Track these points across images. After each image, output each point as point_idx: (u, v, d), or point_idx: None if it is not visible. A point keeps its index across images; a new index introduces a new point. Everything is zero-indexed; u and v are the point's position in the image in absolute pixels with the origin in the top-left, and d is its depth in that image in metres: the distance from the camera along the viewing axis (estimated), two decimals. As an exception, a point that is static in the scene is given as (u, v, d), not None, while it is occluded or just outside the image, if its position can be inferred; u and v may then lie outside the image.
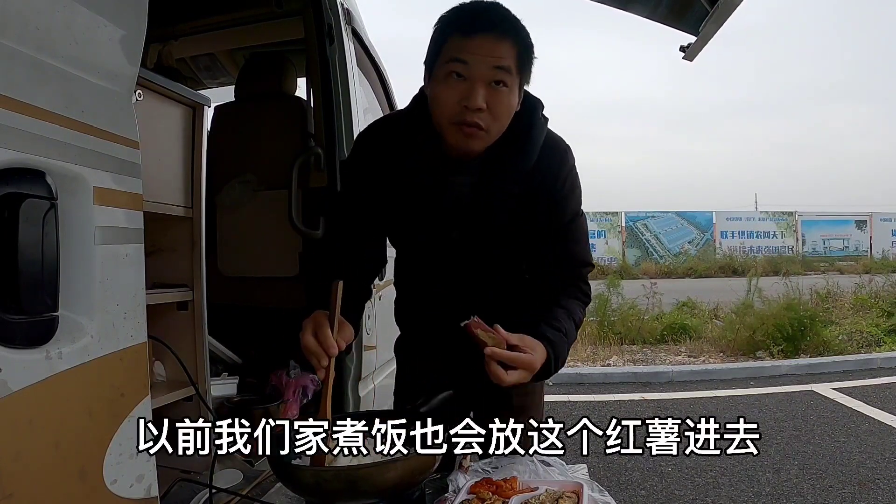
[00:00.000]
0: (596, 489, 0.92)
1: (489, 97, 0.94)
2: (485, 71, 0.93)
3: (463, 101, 0.94)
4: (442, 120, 0.98)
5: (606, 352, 5.49)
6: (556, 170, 1.06)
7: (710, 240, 17.14)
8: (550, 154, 1.06)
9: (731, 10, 1.98)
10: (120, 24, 0.80)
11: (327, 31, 2.04)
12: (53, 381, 0.68)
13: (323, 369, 0.90)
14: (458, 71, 0.94)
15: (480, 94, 0.94)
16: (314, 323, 0.92)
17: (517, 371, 0.93)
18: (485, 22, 0.94)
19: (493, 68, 0.93)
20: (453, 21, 0.97)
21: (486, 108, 0.95)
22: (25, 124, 0.65)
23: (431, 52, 1.00)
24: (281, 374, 2.16)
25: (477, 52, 0.93)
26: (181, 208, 1.49)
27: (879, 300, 6.51)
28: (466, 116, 0.95)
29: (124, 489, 0.77)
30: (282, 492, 0.95)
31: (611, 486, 2.57)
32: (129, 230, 0.81)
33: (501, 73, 0.94)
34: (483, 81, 0.94)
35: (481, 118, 0.95)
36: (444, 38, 0.96)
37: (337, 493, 0.81)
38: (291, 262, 2.31)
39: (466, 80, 0.94)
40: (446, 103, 0.96)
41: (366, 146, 1.13)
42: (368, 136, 1.14)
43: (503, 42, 0.94)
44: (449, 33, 0.96)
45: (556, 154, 1.07)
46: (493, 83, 0.94)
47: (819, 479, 2.67)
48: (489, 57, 0.93)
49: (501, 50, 0.94)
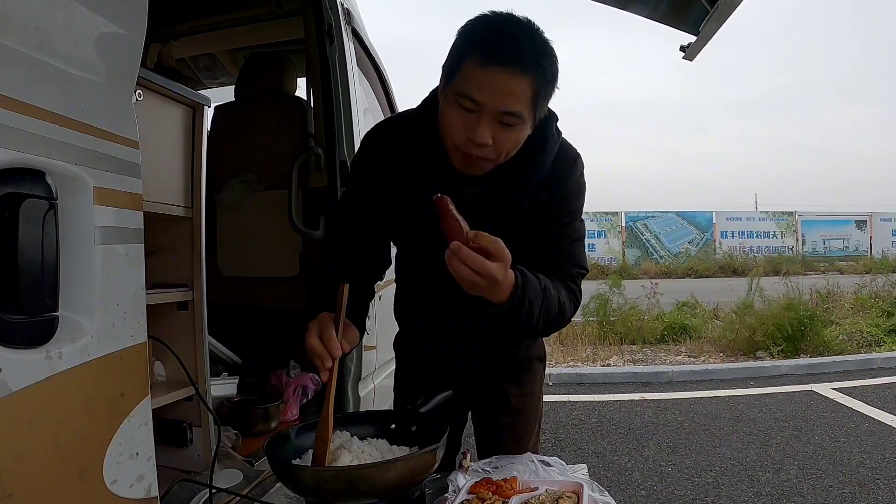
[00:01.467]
0: (596, 489, 0.92)
1: (496, 133, 0.91)
2: (495, 110, 0.90)
3: (469, 132, 0.91)
4: (447, 141, 0.96)
5: (606, 352, 5.49)
6: (565, 179, 1.05)
7: (710, 240, 17.15)
8: (561, 166, 1.04)
9: (731, 10, 1.98)
10: (120, 24, 0.80)
11: (327, 31, 2.04)
12: (53, 381, 0.68)
13: (327, 371, 0.89)
14: (467, 107, 0.90)
15: (487, 131, 0.91)
16: (319, 325, 0.92)
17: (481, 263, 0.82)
18: (506, 54, 0.87)
19: (503, 113, 0.90)
20: (477, 39, 0.91)
21: (493, 142, 0.92)
22: (25, 124, 0.65)
23: (450, 62, 0.94)
24: (281, 374, 2.17)
25: (490, 90, 0.88)
26: (181, 208, 1.49)
27: (879, 300, 6.52)
28: (471, 149, 0.93)
29: (124, 489, 0.77)
30: (282, 492, 0.95)
31: (611, 486, 2.57)
32: (129, 230, 0.81)
33: (511, 117, 0.91)
34: (492, 117, 0.90)
35: (486, 152, 0.93)
36: (463, 57, 0.90)
37: (337, 493, 0.81)
38: (291, 262, 2.31)
39: (475, 113, 0.90)
40: (453, 128, 0.93)
41: (372, 146, 1.11)
42: (375, 136, 1.12)
43: (521, 80, 0.88)
44: (468, 53, 0.90)
45: (566, 165, 1.05)
46: (502, 121, 0.91)
47: (819, 479, 2.67)
48: (502, 98, 0.89)
49: (517, 89, 0.89)
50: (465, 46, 0.91)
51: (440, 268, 0.94)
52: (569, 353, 5.42)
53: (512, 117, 0.90)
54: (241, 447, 1.74)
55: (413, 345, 1.30)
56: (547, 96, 0.94)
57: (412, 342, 1.30)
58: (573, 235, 1.09)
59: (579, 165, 1.08)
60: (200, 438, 1.54)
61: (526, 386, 1.25)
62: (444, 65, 0.96)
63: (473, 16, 0.95)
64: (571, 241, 1.09)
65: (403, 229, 1.13)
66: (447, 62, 0.95)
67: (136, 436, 0.80)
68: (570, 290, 1.07)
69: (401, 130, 1.08)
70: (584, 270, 1.11)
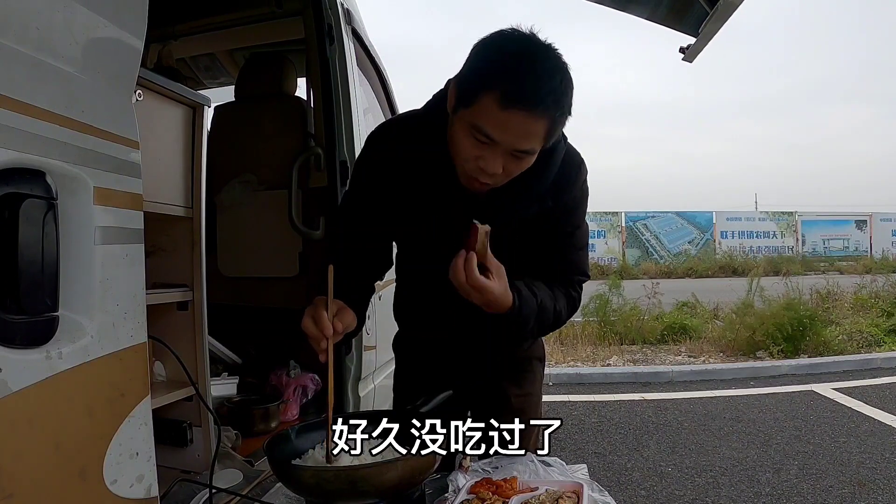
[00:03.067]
0: (596, 489, 0.92)
1: (507, 163, 0.91)
2: (510, 147, 0.89)
3: (480, 161, 0.90)
4: (456, 158, 0.95)
5: (606, 352, 5.49)
6: (570, 186, 1.06)
7: (710, 240, 17.15)
8: (567, 170, 1.05)
9: (730, 11, 1.98)
10: (120, 24, 0.80)
11: (327, 31, 2.04)
12: (53, 381, 0.68)
13: (323, 352, 0.92)
14: (481, 140, 0.89)
15: (499, 164, 0.90)
16: (313, 308, 0.94)
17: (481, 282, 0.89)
18: (529, 97, 0.85)
19: (517, 150, 0.89)
20: (498, 73, 0.86)
21: (503, 170, 0.92)
22: (25, 124, 0.65)
23: (467, 84, 0.90)
24: (281, 373, 2.17)
25: (508, 132, 0.87)
26: (181, 208, 1.49)
27: (879, 300, 6.51)
28: (480, 176, 0.92)
29: (124, 489, 0.77)
30: (282, 492, 0.95)
31: (611, 486, 2.57)
32: (129, 230, 0.81)
33: (525, 153, 0.90)
34: (505, 151, 0.90)
35: (494, 179, 0.93)
36: (482, 88, 0.86)
37: (337, 494, 0.81)
38: (291, 262, 2.31)
39: (488, 146, 0.89)
40: (463, 155, 0.92)
41: (376, 148, 1.11)
42: (379, 137, 1.12)
43: (539, 121, 0.86)
44: (488, 87, 0.86)
45: (571, 171, 1.06)
46: (514, 155, 0.91)
47: (819, 479, 2.67)
48: (518, 139, 0.88)
49: (535, 130, 0.87)
50: (485, 77, 0.87)
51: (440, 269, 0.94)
52: (569, 353, 5.42)
53: (525, 153, 0.91)
54: (241, 447, 1.74)
55: (412, 345, 1.30)
56: (561, 128, 0.93)
57: (411, 342, 1.30)
58: (577, 244, 1.11)
59: (584, 171, 1.09)
60: (200, 438, 1.54)
61: (526, 386, 1.25)
62: (460, 82, 0.92)
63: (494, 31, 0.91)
64: (576, 249, 1.11)
65: (406, 231, 1.13)
66: (463, 83, 0.91)
67: (137, 436, 0.80)
68: (570, 296, 1.10)
69: (405, 133, 1.08)
70: (586, 277, 1.13)
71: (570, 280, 1.10)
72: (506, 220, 1.02)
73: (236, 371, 2.15)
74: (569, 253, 1.10)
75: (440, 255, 0.96)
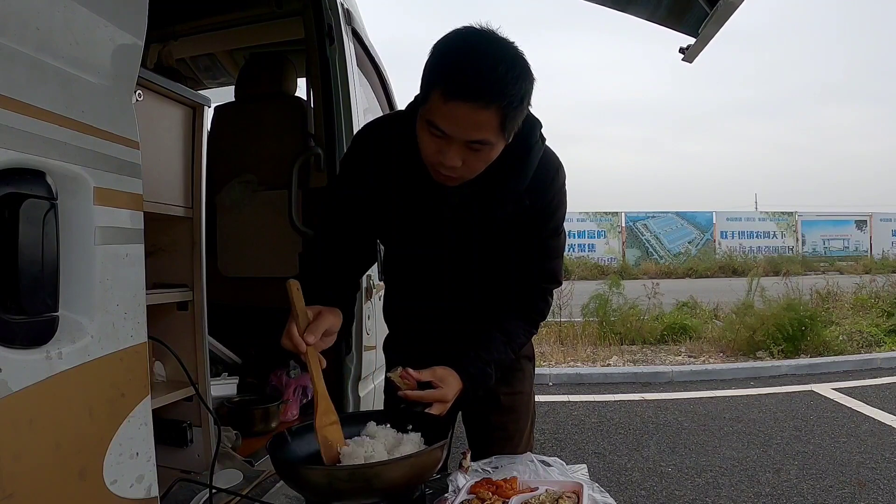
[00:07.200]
0: (596, 489, 0.92)
1: (466, 156, 0.93)
2: (462, 139, 0.91)
3: (439, 155, 0.93)
4: (422, 154, 0.98)
5: (606, 352, 5.49)
6: (546, 188, 1.07)
7: (710, 240, 17.16)
8: (543, 173, 1.06)
9: (730, 12, 1.98)
10: (120, 24, 0.80)
11: (327, 32, 2.04)
12: (53, 381, 0.68)
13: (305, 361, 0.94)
14: (436, 134, 0.91)
15: (457, 156, 0.92)
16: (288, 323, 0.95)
17: (432, 405, 1.00)
18: (468, 89, 0.86)
19: (470, 141, 0.91)
20: (443, 69, 0.90)
21: (463, 163, 0.94)
22: (25, 124, 0.65)
23: (422, 83, 0.94)
24: (281, 374, 2.17)
25: (455, 123, 0.89)
26: (181, 208, 1.49)
27: (879, 300, 6.51)
28: (442, 169, 0.95)
29: (124, 489, 0.77)
30: (282, 492, 0.95)
31: (611, 486, 2.57)
32: (129, 230, 0.81)
33: (479, 144, 0.92)
34: (460, 143, 0.91)
35: (456, 172, 0.95)
36: (431, 85, 0.90)
37: (347, 492, 0.81)
38: (291, 262, 2.29)
39: (444, 139, 0.91)
40: (425, 150, 0.95)
41: (361, 146, 1.13)
42: (364, 136, 1.14)
43: (485, 112, 0.87)
44: (434, 83, 0.89)
45: (548, 173, 1.08)
46: (471, 147, 0.92)
47: (819, 479, 2.67)
48: (467, 130, 0.89)
49: (482, 121, 0.88)
50: (433, 74, 0.91)
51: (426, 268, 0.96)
52: (569, 354, 5.42)
53: (480, 144, 0.92)
54: (241, 447, 1.74)
55: (402, 346, 1.30)
56: (516, 118, 0.93)
57: (401, 343, 1.30)
58: (553, 254, 1.14)
59: (561, 175, 1.10)
60: (200, 438, 1.54)
61: (516, 384, 1.26)
62: (421, 82, 0.95)
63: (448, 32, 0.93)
64: (552, 258, 1.14)
65: (390, 229, 1.15)
66: (421, 81, 0.94)
67: (137, 436, 0.80)
68: (537, 308, 1.17)
69: (388, 131, 1.10)
70: (559, 284, 1.18)
71: (542, 289, 1.16)
72: (484, 215, 1.05)
73: (236, 371, 2.15)
74: (545, 261, 1.13)
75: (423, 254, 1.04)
